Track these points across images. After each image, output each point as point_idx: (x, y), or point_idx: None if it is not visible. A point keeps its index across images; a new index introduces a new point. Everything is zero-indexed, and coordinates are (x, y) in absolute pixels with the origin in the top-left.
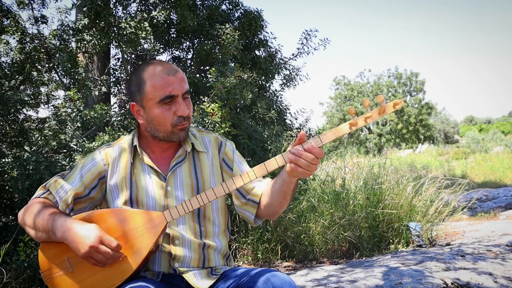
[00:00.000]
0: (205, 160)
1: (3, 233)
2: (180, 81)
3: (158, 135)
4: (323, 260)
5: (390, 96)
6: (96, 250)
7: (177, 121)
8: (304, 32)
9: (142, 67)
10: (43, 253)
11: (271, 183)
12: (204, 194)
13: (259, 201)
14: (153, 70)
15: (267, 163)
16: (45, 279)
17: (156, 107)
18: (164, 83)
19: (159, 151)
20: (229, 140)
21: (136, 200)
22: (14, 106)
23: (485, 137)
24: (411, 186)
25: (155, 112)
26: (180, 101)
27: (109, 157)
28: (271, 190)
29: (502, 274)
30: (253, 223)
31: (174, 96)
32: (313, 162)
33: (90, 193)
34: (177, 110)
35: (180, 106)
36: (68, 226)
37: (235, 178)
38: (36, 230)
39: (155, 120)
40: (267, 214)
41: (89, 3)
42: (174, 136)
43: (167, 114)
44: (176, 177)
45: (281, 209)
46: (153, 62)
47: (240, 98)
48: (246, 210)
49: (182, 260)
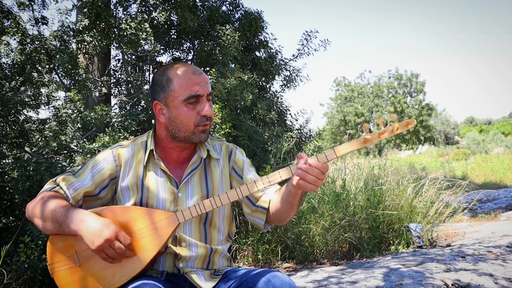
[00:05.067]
0: (216, 168)
1: (4, 234)
2: (206, 82)
3: (179, 135)
4: (324, 261)
5: (391, 97)
6: (110, 244)
7: (200, 120)
8: (304, 33)
9: (167, 66)
10: (52, 245)
11: (279, 192)
12: (218, 197)
13: (268, 207)
14: (179, 69)
15: (282, 171)
16: (52, 271)
17: (181, 105)
18: (190, 82)
19: (175, 154)
20: (240, 148)
21: (146, 203)
22: (14, 107)
23: (486, 138)
24: (411, 187)
25: (179, 111)
26: (205, 101)
27: (122, 158)
28: (278, 198)
29: (503, 275)
30: (263, 228)
31: (199, 96)
32: (320, 177)
33: (100, 192)
34: (201, 109)
35: (205, 105)
36: (84, 218)
37: (249, 184)
38: (46, 221)
39: (178, 119)
40: (275, 220)
41: (89, 4)
42: (195, 137)
43: (191, 113)
44: (188, 185)
45: (288, 217)
46: (178, 63)
47: (241, 99)
48: (256, 217)
49: (187, 260)
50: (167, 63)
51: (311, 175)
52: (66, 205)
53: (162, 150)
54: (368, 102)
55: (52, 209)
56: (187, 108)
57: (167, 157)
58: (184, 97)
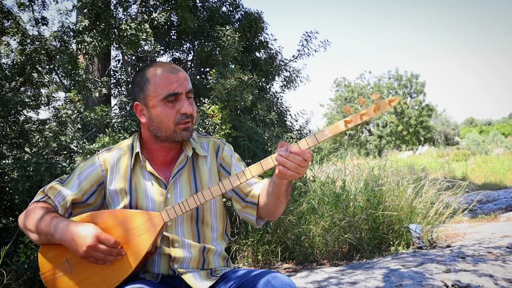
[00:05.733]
0: (204, 165)
1: (3, 235)
2: (183, 80)
3: (161, 134)
4: (323, 262)
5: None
6: (94, 249)
7: (180, 118)
8: (304, 33)
9: (145, 67)
10: (43, 255)
11: (266, 184)
12: (201, 193)
13: (258, 202)
14: (156, 69)
15: (263, 162)
16: (45, 280)
17: (160, 105)
18: (167, 81)
19: (161, 155)
20: (227, 143)
21: (136, 206)
22: (14, 108)
23: (486, 138)
24: (411, 188)
25: (159, 110)
26: (183, 99)
27: (107, 162)
28: (266, 192)
29: (503, 276)
30: (255, 224)
31: (177, 94)
32: (301, 164)
33: (88, 199)
34: (180, 107)
35: (184, 103)
36: (66, 228)
37: (231, 178)
38: (37, 233)
39: (158, 118)
40: (266, 214)
41: (89, 4)
42: (176, 135)
43: (171, 112)
44: (176, 185)
45: (277, 210)
46: (156, 63)
47: (241, 99)
48: (247, 213)
49: (181, 261)
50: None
51: (291, 161)
52: (51, 216)
53: (148, 152)
54: (368, 103)
55: (41, 221)
56: (166, 107)
57: (154, 158)
58: (162, 96)
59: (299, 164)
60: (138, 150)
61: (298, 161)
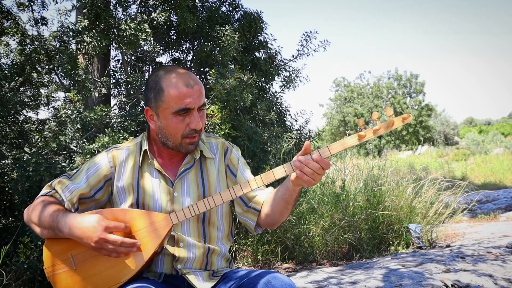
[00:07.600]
0: (212, 166)
1: (3, 235)
2: (198, 95)
3: (167, 143)
4: (323, 261)
5: (390, 98)
6: (105, 240)
7: (189, 133)
8: (304, 33)
9: (161, 73)
10: (48, 249)
11: (273, 192)
12: (211, 198)
13: (261, 209)
14: (173, 79)
15: (275, 171)
16: (48, 275)
17: (171, 117)
18: (182, 95)
19: (168, 157)
20: (235, 146)
21: (143, 204)
22: (14, 108)
23: (485, 138)
24: (411, 187)
25: (169, 122)
26: (195, 114)
27: (116, 159)
28: (273, 198)
29: (502, 275)
30: (253, 231)
31: (190, 109)
32: (319, 172)
33: (96, 194)
34: (190, 122)
35: (195, 119)
36: (73, 222)
37: (242, 184)
38: (42, 227)
39: (167, 130)
40: (267, 223)
41: (89, 5)
42: (182, 148)
43: (180, 125)
44: (183, 184)
45: (281, 218)
46: (173, 70)
47: (240, 99)
48: (247, 218)
49: (185, 261)
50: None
51: (309, 168)
52: (58, 210)
53: (156, 151)
54: (367, 102)
55: (46, 214)
56: (177, 120)
57: (161, 157)
58: (174, 109)
59: (316, 171)
60: (146, 148)
61: (316, 168)
